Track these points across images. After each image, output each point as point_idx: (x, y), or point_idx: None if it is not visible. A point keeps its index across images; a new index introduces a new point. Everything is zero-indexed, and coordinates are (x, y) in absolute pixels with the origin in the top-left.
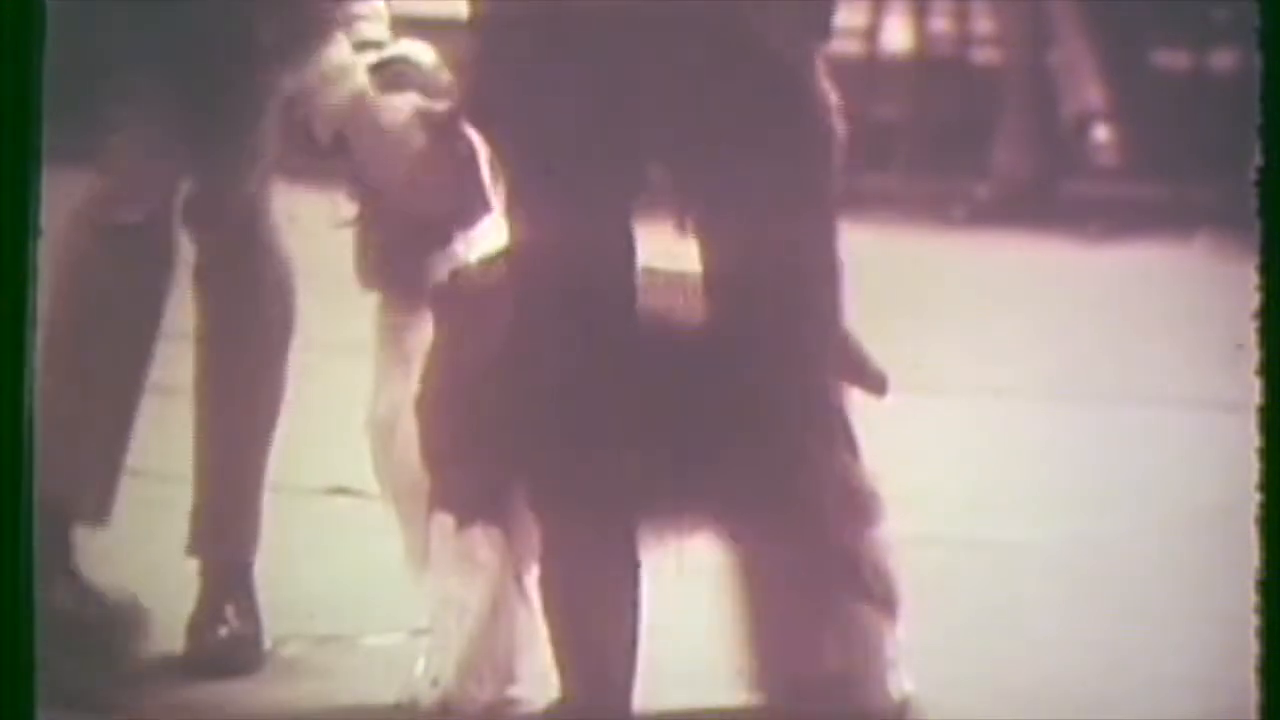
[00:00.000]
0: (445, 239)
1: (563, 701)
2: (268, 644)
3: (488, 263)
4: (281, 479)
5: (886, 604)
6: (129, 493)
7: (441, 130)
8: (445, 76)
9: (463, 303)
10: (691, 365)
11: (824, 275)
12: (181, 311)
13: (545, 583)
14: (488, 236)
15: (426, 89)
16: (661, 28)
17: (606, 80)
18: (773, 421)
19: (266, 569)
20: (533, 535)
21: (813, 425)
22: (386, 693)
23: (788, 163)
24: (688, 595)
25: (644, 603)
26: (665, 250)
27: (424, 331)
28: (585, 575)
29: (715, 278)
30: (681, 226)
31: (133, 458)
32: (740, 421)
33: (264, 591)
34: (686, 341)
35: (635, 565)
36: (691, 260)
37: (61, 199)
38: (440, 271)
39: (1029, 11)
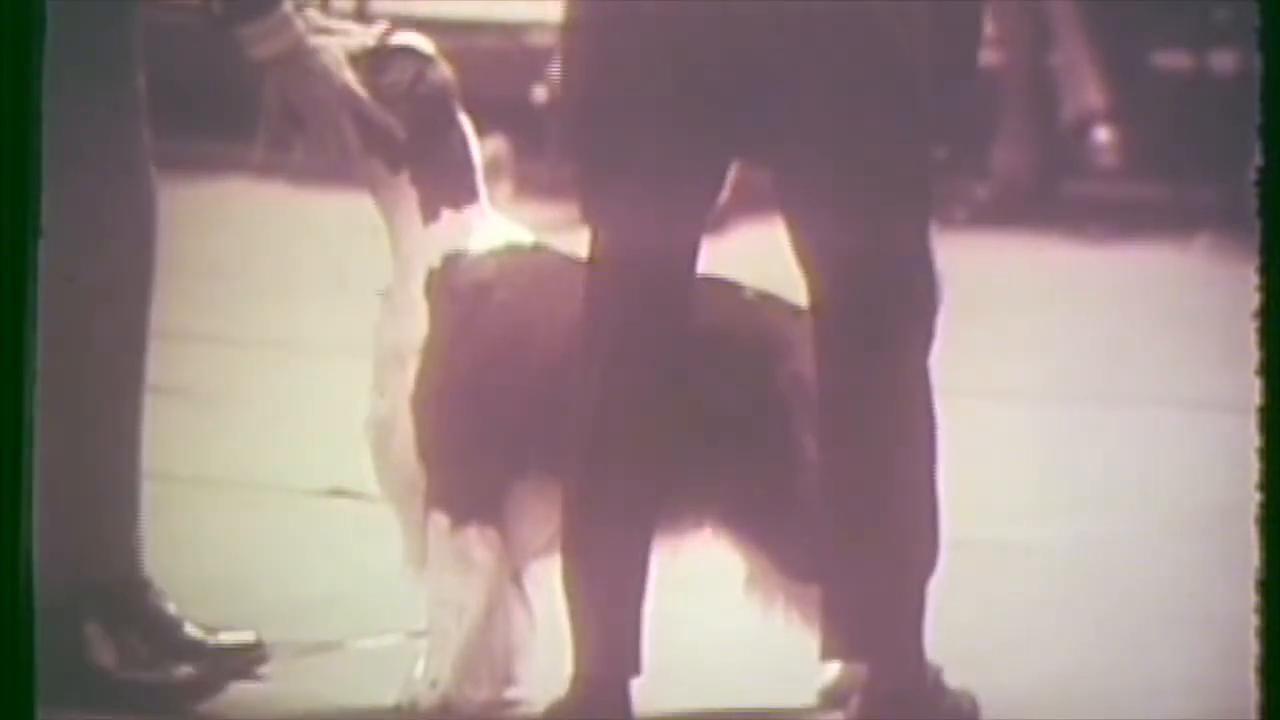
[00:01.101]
0: (434, 214)
1: (573, 677)
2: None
3: (482, 258)
4: (280, 480)
5: None
6: None
7: (432, 112)
8: (443, 68)
9: (457, 297)
10: (740, 371)
11: (918, 275)
12: (179, 312)
13: (567, 557)
14: (479, 228)
15: (422, 75)
16: (762, 29)
17: (696, 81)
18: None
19: (265, 570)
20: (532, 533)
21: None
22: (386, 695)
23: (891, 166)
24: (690, 594)
25: (648, 599)
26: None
27: (420, 326)
28: (606, 551)
29: (815, 269)
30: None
31: None
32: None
33: (262, 593)
34: (736, 349)
35: (647, 549)
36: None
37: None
38: (432, 253)
39: (1029, 13)
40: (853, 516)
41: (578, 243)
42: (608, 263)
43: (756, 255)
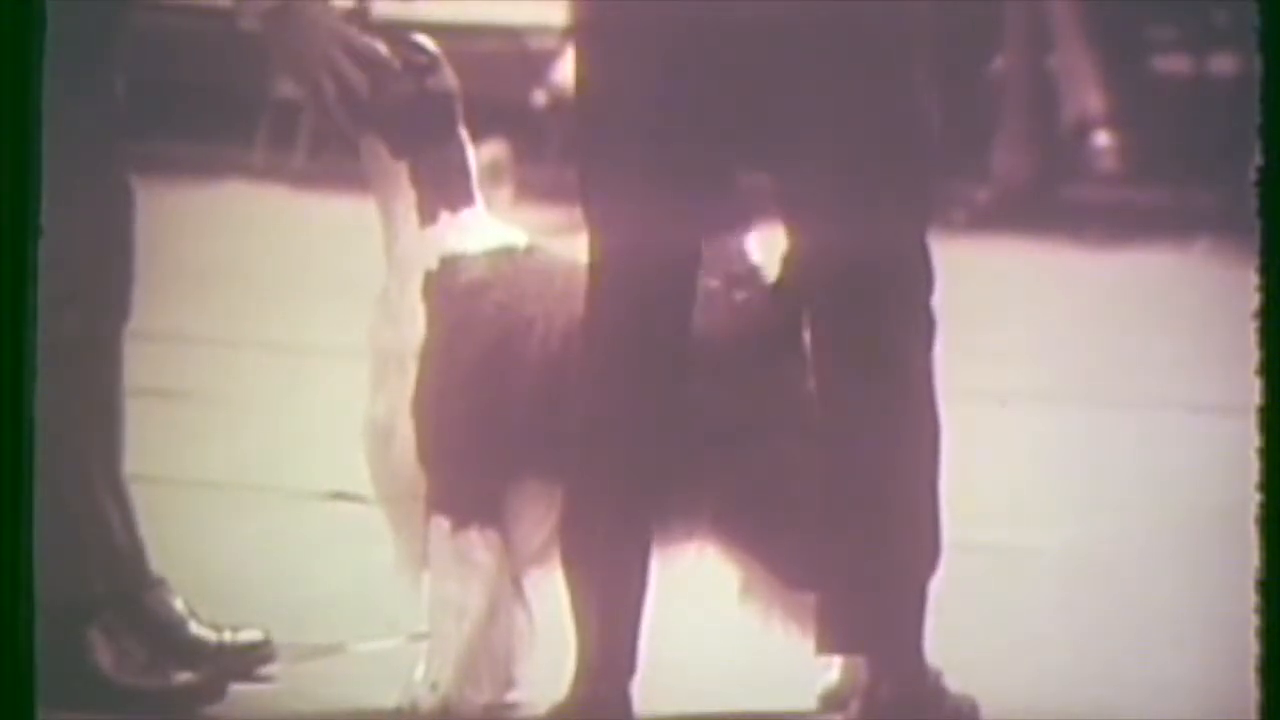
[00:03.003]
0: (432, 216)
1: (574, 680)
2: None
3: (478, 260)
4: (281, 483)
5: None
6: None
7: (437, 108)
8: (449, 73)
9: (454, 299)
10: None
11: (918, 278)
12: (181, 315)
13: (566, 561)
14: (475, 231)
15: (432, 70)
16: (761, 34)
17: (699, 86)
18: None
19: (266, 574)
20: (532, 535)
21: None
22: (386, 698)
23: (889, 169)
24: (689, 597)
25: (648, 602)
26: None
27: (418, 330)
28: (605, 554)
29: (815, 272)
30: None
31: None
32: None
33: (263, 597)
34: (732, 353)
35: (647, 552)
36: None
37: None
38: (429, 256)
39: (1029, 15)
40: (853, 516)
41: (577, 246)
42: (608, 266)
43: (756, 257)
